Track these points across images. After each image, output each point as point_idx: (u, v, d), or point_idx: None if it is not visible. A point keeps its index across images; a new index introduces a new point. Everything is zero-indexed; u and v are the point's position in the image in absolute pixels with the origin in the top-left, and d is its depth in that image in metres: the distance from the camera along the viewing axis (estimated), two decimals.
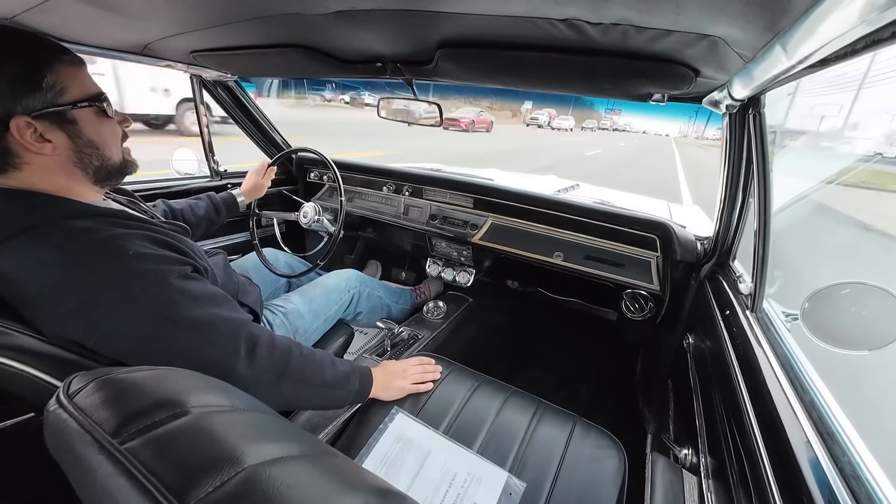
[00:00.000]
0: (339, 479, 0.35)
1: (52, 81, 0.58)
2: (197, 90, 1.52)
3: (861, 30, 0.36)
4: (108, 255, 0.59)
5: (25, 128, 0.56)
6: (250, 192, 1.37)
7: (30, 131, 0.57)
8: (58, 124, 0.59)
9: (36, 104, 0.57)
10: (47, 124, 0.58)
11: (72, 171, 0.63)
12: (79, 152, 0.63)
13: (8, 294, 0.57)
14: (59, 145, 0.60)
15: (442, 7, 0.61)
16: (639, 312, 1.35)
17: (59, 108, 0.59)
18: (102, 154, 0.66)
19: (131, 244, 0.61)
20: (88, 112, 0.63)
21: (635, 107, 36.64)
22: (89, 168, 0.65)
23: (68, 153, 0.62)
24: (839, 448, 0.48)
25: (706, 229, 1.22)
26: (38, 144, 0.58)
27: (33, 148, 0.57)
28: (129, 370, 0.40)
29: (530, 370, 1.65)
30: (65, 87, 0.59)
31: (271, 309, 1.12)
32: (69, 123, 0.61)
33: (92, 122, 0.64)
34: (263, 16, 0.75)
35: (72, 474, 0.31)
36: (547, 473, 0.79)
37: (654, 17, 0.52)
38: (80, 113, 0.62)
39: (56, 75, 0.58)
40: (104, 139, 0.66)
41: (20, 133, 0.56)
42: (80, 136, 0.62)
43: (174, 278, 0.64)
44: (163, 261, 0.64)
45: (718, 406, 0.73)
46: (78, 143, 0.62)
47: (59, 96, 0.59)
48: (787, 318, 0.75)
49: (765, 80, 0.60)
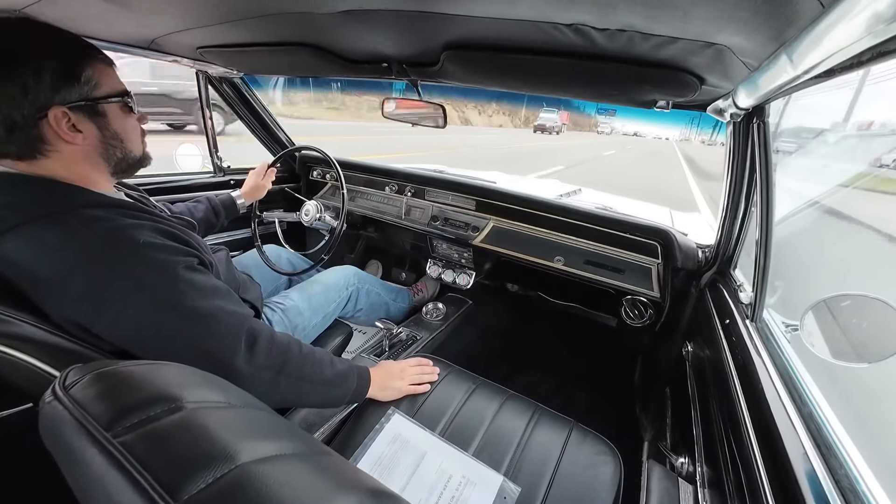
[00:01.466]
0: (333, 478, 0.34)
1: (89, 76, 0.62)
2: (203, 86, 1.52)
3: (867, 41, 0.36)
4: (119, 243, 0.62)
5: (62, 117, 0.59)
6: (250, 194, 1.38)
7: (65, 121, 0.60)
8: (89, 116, 0.63)
9: (73, 96, 0.60)
10: (81, 115, 0.62)
11: (96, 160, 0.67)
12: (105, 143, 0.67)
13: (19, 277, 0.59)
14: (88, 135, 0.64)
15: (448, 9, 0.61)
16: (638, 319, 1.34)
17: (92, 102, 0.63)
18: (125, 146, 0.70)
19: (141, 234, 0.64)
20: (116, 107, 0.67)
21: (632, 110, 36.12)
22: (112, 159, 0.69)
23: (96, 143, 0.66)
24: (836, 461, 0.48)
25: (707, 237, 1.22)
26: (71, 134, 0.61)
27: (66, 137, 0.61)
28: (125, 364, 0.40)
29: (528, 374, 1.65)
30: (98, 83, 0.64)
31: (270, 306, 1.12)
32: (99, 116, 0.65)
33: (119, 117, 0.68)
34: (271, 13, 0.75)
35: (65, 466, 0.31)
36: (542, 478, 0.79)
37: (661, 24, 0.52)
38: (110, 107, 0.66)
39: (92, 71, 0.63)
40: (128, 132, 0.70)
41: (56, 122, 0.59)
42: (108, 129, 0.66)
43: (181, 269, 0.66)
44: (171, 251, 0.66)
45: (716, 415, 0.73)
46: (105, 134, 0.66)
47: (93, 90, 0.63)
48: (787, 328, 0.75)
49: (770, 90, 0.60)
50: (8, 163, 0.61)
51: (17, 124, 0.57)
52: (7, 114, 0.56)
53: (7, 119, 0.56)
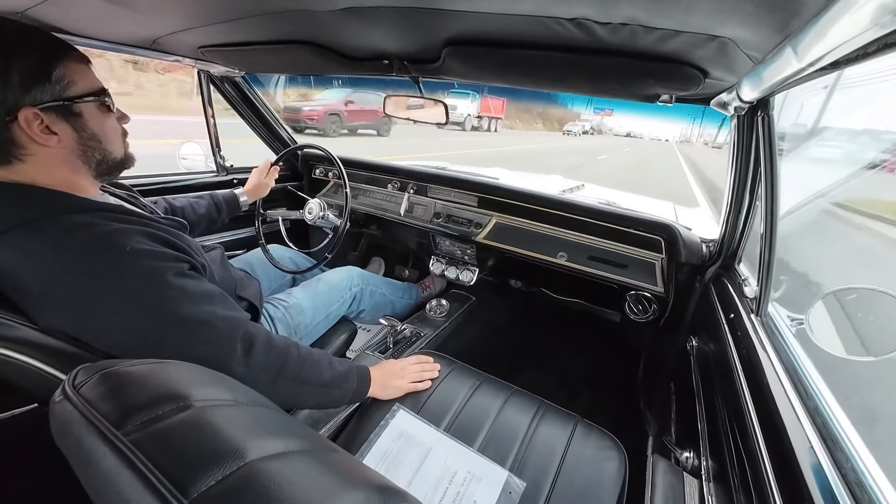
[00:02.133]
0: (339, 475, 0.35)
1: (61, 75, 0.59)
2: (204, 86, 1.52)
3: (873, 33, 0.36)
4: (105, 250, 0.60)
5: (33, 119, 0.57)
6: (253, 192, 1.38)
7: (37, 122, 0.57)
8: (64, 117, 0.60)
9: (44, 96, 0.57)
10: (54, 116, 0.59)
11: (75, 163, 0.64)
12: (83, 145, 0.64)
13: (4, 287, 0.58)
14: (64, 138, 0.61)
15: (449, 5, 0.61)
16: (642, 314, 1.34)
17: (65, 101, 0.60)
18: (105, 148, 0.67)
19: (128, 240, 0.61)
20: (93, 106, 0.64)
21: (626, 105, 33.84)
22: (92, 161, 0.66)
23: (73, 146, 0.63)
24: (843, 454, 0.48)
25: (712, 232, 1.21)
26: (45, 136, 0.58)
27: (39, 139, 0.58)
28: (133, 363, 0.40)
29: (532, 370, 1.65)
30: (72, 81, 0.60)
31: (273, 303, 1.12)
32: (75, 116, 0.62)
33: (96, 117, 0.65)
34: (271, 12, 0.75)
35: (76, 465, 0.31)
36: (547, 473, 0.79)
37: (664, 17, 0.52)
38: (85, 107, 0.63)
39: (64, 69, 0.59)
40: (107, 133, 0.67)
41: (28, 124, 0.56)
42: (85, 130, 0.63)
43: (171, 275, 0.64)
44: (160, 257, 0.64)
45: (721, 409, 0.73)
46: (82, 135, 0.63)
47: (66, 90, 0.60)
48: (792, 322, 0.75)
49: (774, 83, 0.59)
50: None
51: None
52: None
53: None
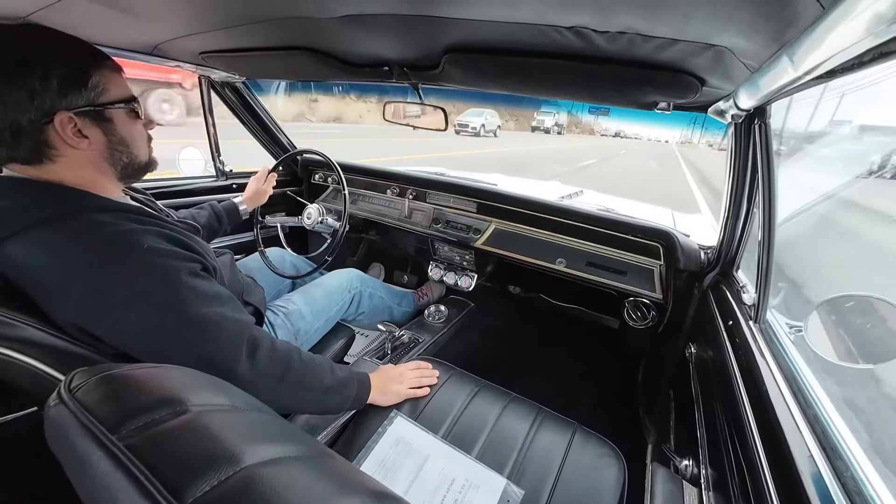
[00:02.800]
0: (336, 481, 0.34)
1: (97, 82, 0.63)
2: (205, 91, 1.53)
3: (868, 42, 0.36)
4: (123, 247, 0.62)
5: (67, 122, 0.60)
6: (252, 199, 1.37)
7: (71, 126, 0.60)
8: (96, 122, 0.64)
9: (79, 101, 0.61)
10: (87, 121, 0.63)
11: (102, 165, 0.67)
12: (111, 149, 0.67)
13: (24, 281, 0.60)
14: (94, 141, 0.64)
15: (449, 13, 0.61)
16: (641, 321, 1.34)
17: (98, 107, 0.63)
18: (132, 152, 0.71)
19: (145, 239, 0.64)
20: (123, 112, 0.68)
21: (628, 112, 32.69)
22: (118, 164, 0.69)
23: (102, 149, 0.66)
24: (842, 463, 0.48)
25: (710, 238, 1.22)
26: (77, 139, 0.62)
27: (71, 142, 0.61)
28: (130, 367, 0.40)
29: (531, 376, 1.64)
30: (106, 89, 0.64)
31: (273, 310, 1.12)
32: (106, 121, 0.65)
33: (125, 122, 0.68)
34: (272, 18, 0.75)
35: (70, 470, 0.31)
36: (545, 481, 0.78)
37: (661, 25, 0.52)
38: (116, 113, 0.66)
39: (100, 77, 0.63)
40: (134, 138, 0.71)
41: (62, 127, 0.60)
42: (114, 134, 0.67)
43: (184, 275, 0.66)
44: (174, 257, 0.67)
45: (720, 417, 0.73)
46: (111, 140, 0.67)
47: (100, 96, 0.63)
48: (790, 329, 0.75)
49: (771, 91, 0.60)
50: (15, 167, 0.62)
51: (23, 129, 0.58)
52: (14, 118, 0.57)
53: (14, 124, 0.57)
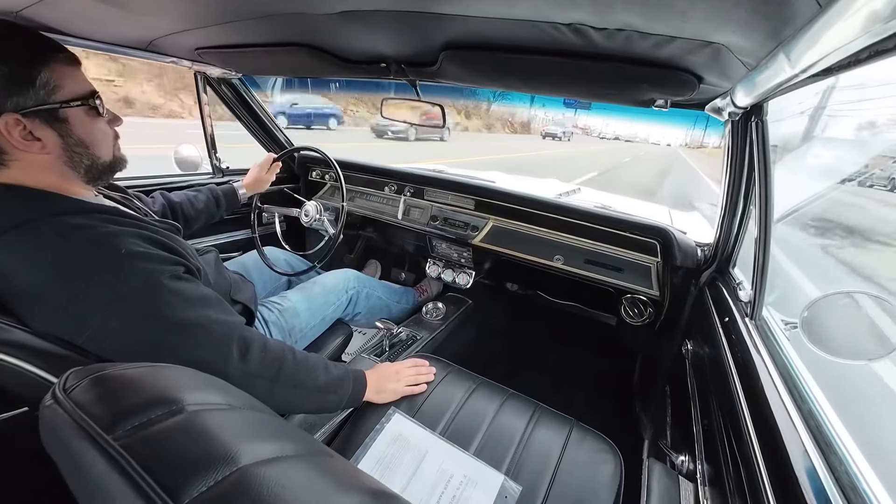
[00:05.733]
0: (334, 479, 0.35)
1: (47, 79, 0.57)
2: (201, 87, 1.52)
3: (865, 40, 0.36)
4: (99, 252, 0.58)
5: (14, 125, 0.55)
6: (252, 185, 1.36)
7: (18, 129, 0.55)
8: (48, 123, 0.58)
9: (27, 102, 0.56)
10: (38, 122, 0.57)
11: (62, 169, 0.62)
12: (69, 151, 0.62)
13: (0, 288, 0.57)
14: (48, 144, 0.59)
15: (446, 9, 0.61)
16: (638, 317, 1.34)
17: (50, 107, 0.58)
18: (92, 153, 0.65)
19: (123, 242, 0.60)
20: (80, 111, 0.62)
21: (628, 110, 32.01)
22: (80, 167, 0.64)
23: (58, 152, 0.61)
24: (836, 458, 0.48)
25: (707, 236, 1.22)
26: (27, 143, 0.57)
27: (21, 146, 0.56)
28: (125, 366, 0.40)
29: (528, 373, 1.65)
30: (58, 86, 0.58)
31: (268, 306, 1.12)
32: (60, 122, 0.60)
33: (83, 122, 0.63)
34: (269, 14, 0.75)
35: (65, 470, 0.30)
36: (543, 477, 0.79)
37: (659, 23, 0.52)
38: (72, 112, 0.61)
39: (50, 73, 0.57)
40: (94, 138, 0.65)
41: (8, 130, 0.55)
42: (71, 135, 0.61)
43: (166, 278, 0.63)
44: (155, 260, 0.63)
45: (716, 413, 0.73)
46: (68, 142, 0.61)
47: (51, 94, 0.58)
48: (786, 326, 0.75)
49: (768, 89, 0.60)
50: None
51: None
52: None
53: None
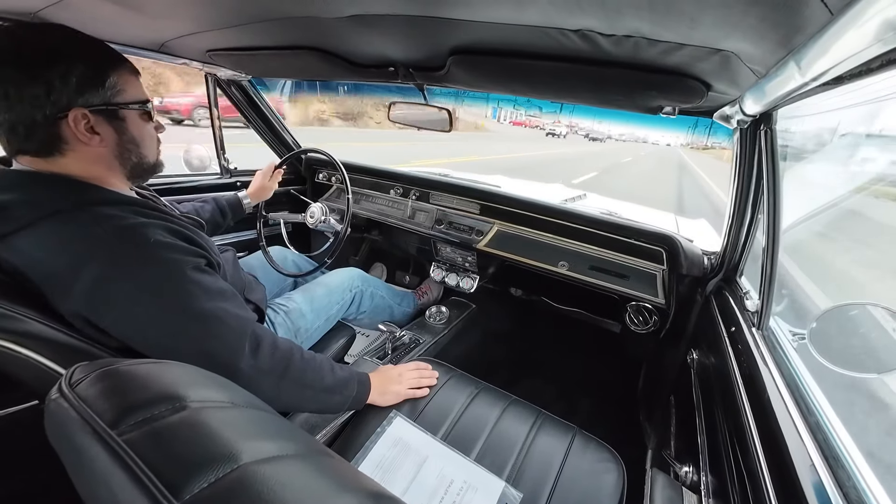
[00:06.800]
0: (334, 480, 0.34)
1: (114, 82, 0.64)
2: (211, 89, 1.54)
3: (877, 49, 0.36)
4: (130, 240, 0.63)
5: (81, 119, 0.61)
6: (256, 194, 1.39)
7: (84, 122, 0.62)
8: (109, 120, 0.65)
9: (95, 100, 0.62)
10: (100, 118, 0.64)
11: (111, 162, 0.69)
12: (122, 147, 0.69)
13: (33, 272, 0.60)
14: (106, 138, 0.65)
15: (455, 14, 0.61)
16: (643, 325, 1.33)
17: (113, 106, 0.65)
18: (141, 152, 0.72)
19: (152, 233, 0.65)
20: (136, 113, 0.69)
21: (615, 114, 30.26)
22: (128, 163, 0.71)
23: (112, 147, 0.67)
24: (844, 473, 0.47)
25: (713, 244, 1.21)
26: (89, 135, 0.63)
27: (83, 138, 0.62)
28: (130, 362, 0.40)
29: (531, 379, 1.64)
30: (122, 90, 0.66)
31: (274, 308, 1.12)
32: (118, 120, 0.67)
33: (137, 123, 0.70)
34: (279, 17, 0.76)
35: (69, 463, 0.31)
36: (544, 485, 0.78)
37: (668, 30, 0.52)
38: (129, 113, 0.68)
39: (117, 78, 0.65)
40: (144, 139, 0.72)
41: (76, 123, 0.61)
42: (126, 133, 0.68)
43: (189, 269, 0.66)
44: (180, 251, 0.67)
45: (721, 424, 0.72)
46: (123, 138, 0.68)
47: (115, 96, 0.65)
48: (794, 337, 0.74)
49: (777, 97, 0.60)
50: (26, 160, 0.63)
51: (37, 123, 0.59)
52: (29, 113, 0.58)
53: (28, 118, 0.58)
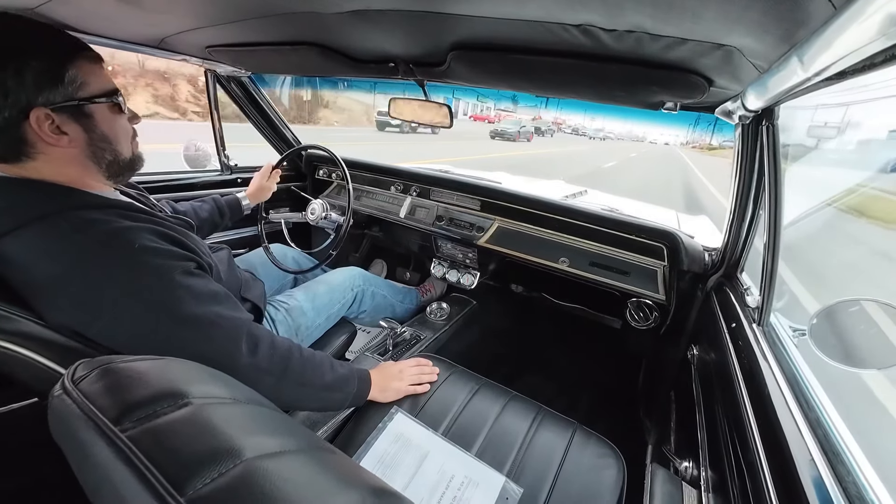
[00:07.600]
0: (336, 475, 0.35)
1: (74, 76, 0.59)
2: (211, 85, 1.53)
3: (880, 43, 0.36)
4: (114, 247, 0.60)
5: (44, 119, 0.57)
6: (256, 195, 1.38)
7: (48, 123, 0.58)
8: (75, 117, 0.61)
9: (56, 97, 0.58)
10: (65, 117, 0.60)
11: (85, 163, 0.65)
12: (93, 146, 0.64)
13: (14, 281, 0.58)
14: (74, 138, 0.61)
15: (455, 9, 0.61)
16: (643, 321, 1.33)
17: (77, 102, 0.60)
18: (115, 149, 0.68)
19: (138, 237, 0.62)
20: (104, 107, 0.64)
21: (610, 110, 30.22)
22: (103, 162, 0.67)
23: (83, 146, 0.63)
24: (844, 468, 0.47)
25: (715, 240, 1.21)
26: (55, 136, 0.59)
27: (50, 139, 0.59)
28: (133, 359, 0.40)
29: (532, 375, 1.65)
30: (85, 82, 0.61)
31: (274, 305, 1.12)
32: (85, 117, 0.62)
33: (106, 118, 0.65)
34: (279, 13, 0.75)
35: (73, 459, 0.31)
36: (545, 480, 0.78)
37: (670, 25, 0.52)
38: (97, 108, 0.63)
39: (78, 70, 0.60)
40: (117, 134, 0.67)
41: (39, 124, 0.57)
42: (95, 130, 0.64)
43: (178, 274, 0.64)
44: (168, 256, 0.65)
45: (721, 419, 0.72)
46: (93, 136, 0.64)
47: (78, 90, 0.60)
48: (794, 332, 0.74)
49: (780, 92, 0.59)
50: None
51: None
52: None
53: None
